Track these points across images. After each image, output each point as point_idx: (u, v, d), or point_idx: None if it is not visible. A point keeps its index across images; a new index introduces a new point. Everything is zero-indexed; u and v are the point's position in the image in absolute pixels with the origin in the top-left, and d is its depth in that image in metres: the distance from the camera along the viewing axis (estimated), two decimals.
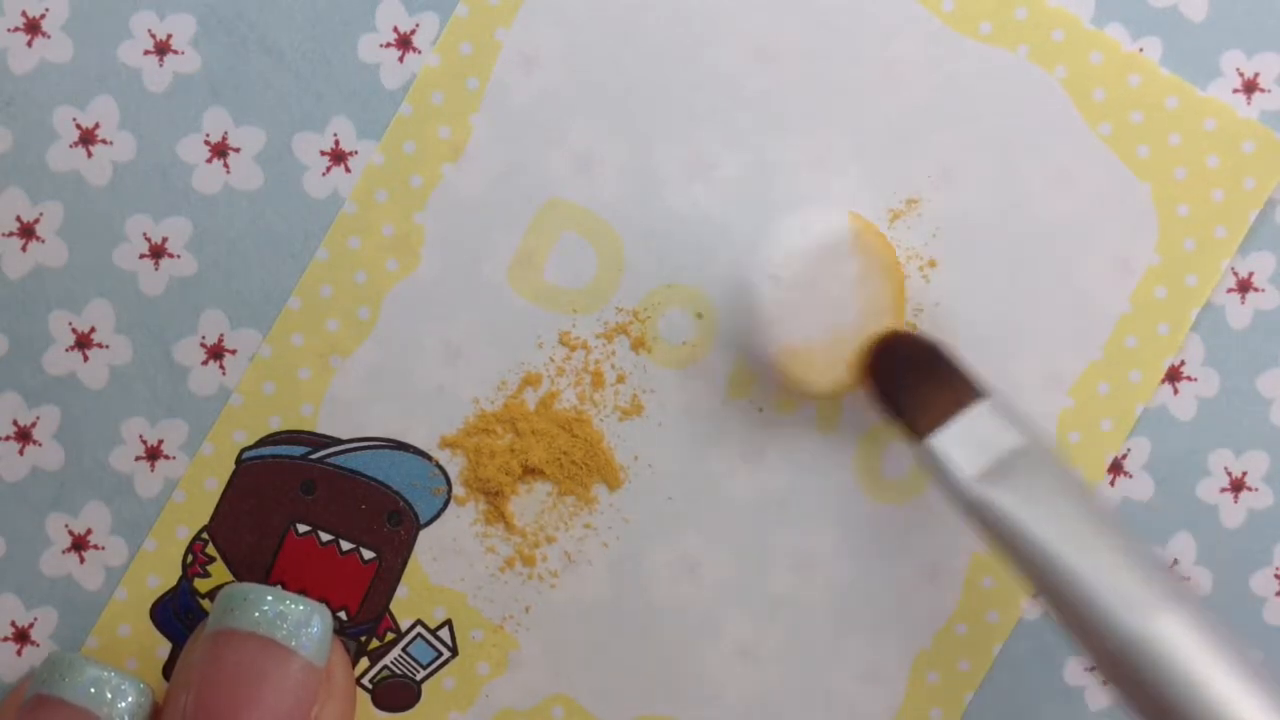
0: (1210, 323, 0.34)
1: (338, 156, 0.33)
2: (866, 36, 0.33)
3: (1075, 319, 0.33)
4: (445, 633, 0.34)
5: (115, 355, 0.33)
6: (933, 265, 0.33)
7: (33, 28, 0.33)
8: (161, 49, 0.33)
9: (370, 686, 0.34)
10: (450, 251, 0.33)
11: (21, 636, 0.34)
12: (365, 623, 0.34)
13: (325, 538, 0.33)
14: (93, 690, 0.31)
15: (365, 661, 0.34)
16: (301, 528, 0.33)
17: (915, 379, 0.31)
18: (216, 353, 0.33)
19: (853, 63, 0.33)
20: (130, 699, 0.31)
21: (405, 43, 0.33)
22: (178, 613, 0.34)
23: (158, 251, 0.33)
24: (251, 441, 0.33)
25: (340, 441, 0.33)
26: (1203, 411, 0.34)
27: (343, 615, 0.34)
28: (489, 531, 0.34)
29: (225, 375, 0.33)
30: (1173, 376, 0.34)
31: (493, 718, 0.34)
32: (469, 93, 0.33)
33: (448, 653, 0.34)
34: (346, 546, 0.33)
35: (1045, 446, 0.30)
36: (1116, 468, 0.34)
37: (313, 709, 0.31)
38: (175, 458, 0.33)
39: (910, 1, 0.33)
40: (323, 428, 0.33)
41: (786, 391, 0.33)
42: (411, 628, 0.34)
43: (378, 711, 0.34)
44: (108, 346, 0.33)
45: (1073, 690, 0.34)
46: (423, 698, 0.34)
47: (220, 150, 0.33)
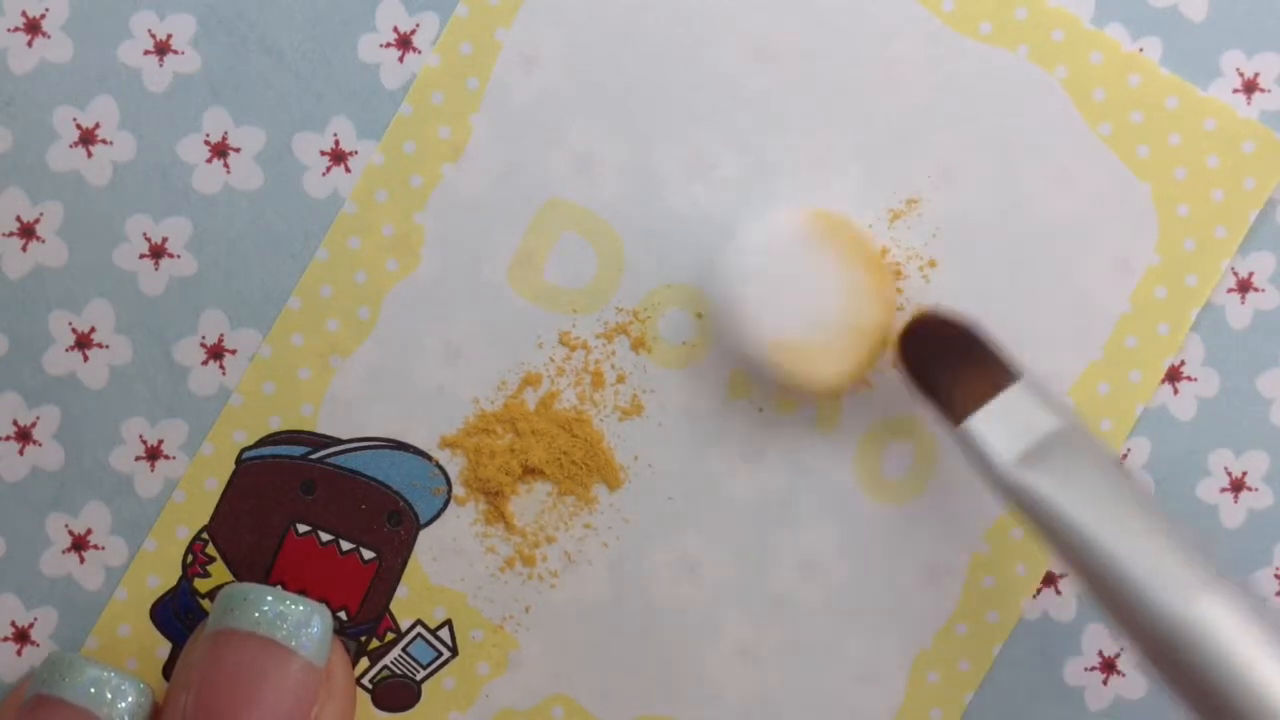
0: (1210, 323, 0.34)
1: (338, 156, 0.33)
2: (866, 36, 0.33)
3: (1075, 319, 0.33)
4: (445, 633, 0.34)
5: (115, 355, 0.33)
6: (933, 265, 0.33)
7: (33, 28, 0.33)
8: (161, 49, 0.33)
9: (370, 686, 0.34)
10: (450, 251, 0.33)
11: (21, 636, 0.34)
12: (365, 623, 0.34)
13: (325, 538, 0.33)
14: (93, 690, 0.31)
15: (365, 661, 0.34)
16: (301, 528, 0.33)
17: (950, 360, 0.30)
18: (216, 353, 0.33)
19: (853, 63, 0.33)
20: (130, 699, 0.31)
21: (405, 43, 0.33)
22: (178, 613, 0.34)
23: (158, 251, 0.33)
24: (251, 441, 0.33)
25: (340, 441, 0.33)
26: (1203, 411, 0.34)
27: (343, 615, 0.34)
28: (489, 531, 0.34)
29: (225, 375, 0.33)
30: (1173, 376, 0.34)
31: (493, 718, 0.34)
32: (469, 93, 0.33)
33: (448, 653, 0.34)
34: (346, 546, 0.33)
35: (1081, 428, 0.29)
36: None
37: (313, 709, 0.31)
38: (175, 458, 0.33)
39: (910, 1, 0.33)
40: (323, 428, 0.33)
41: (786, 391, 0.33)
42: (411, 628, 0.34)
43: (378, 711, 0.34)
44: (108, 346, 0.33)
45: (1073, 690, 0.34)
46: (423, 698, 0.34)
47: (220, 150, 0.33)
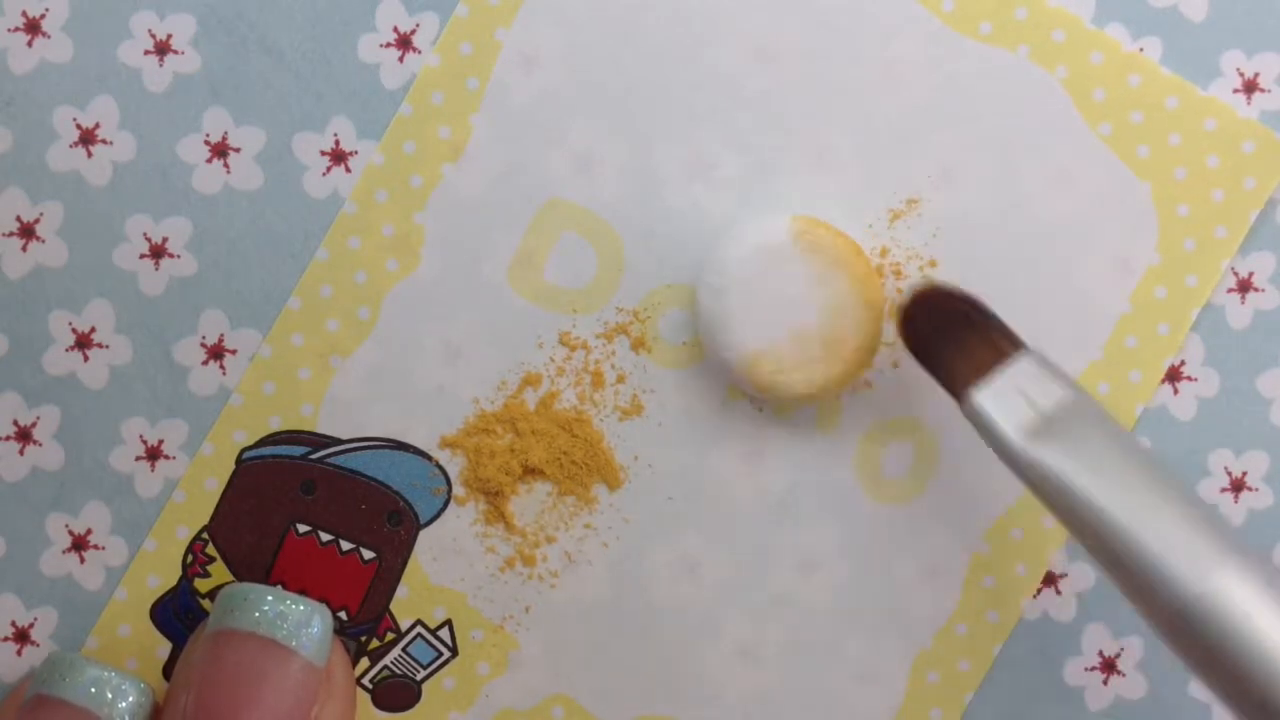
0: (1210, 323, 0.34)
1: (338, 156, 0.33)
2: (866, 36, 0.33)
3: (1075, 319, 0.33)
4: (445, 633, 0.34)
5: (115, 355, 0.33)
6: (933, 265, 0.33)
7: (33, 28, 0.33)
8: (161, 49, 0.33)
9: (370, 686, 0.34)
10: (450, 251, 0.33)
11: (21, 636, 0.34)
12: (365, 623, 0.34)
13: (325, 538, 0.33)
14: (93, 690, 0.31)
15: (365, 661, 0.34)
16: (301, 528, 0.33)
17: (952, 331, 0.30)
18: (216, 353, 0.33)
19: (853, 63, 0.33)
20: (131, 699, 0.31)
21: (405, 43, 0.33)
22: (178, 613, 0.34)
23: (158, 251, 0.33)
24: (251, 441, 0.33)
25: (340, 441, 0.33)
26: (1203, 411, 0.34)
27: (343, 615, 0.34)
28: (489, 531, 0.34)
29: (225, 375, 0.33)
30: (1173, 376, 0.34)
31: (493, 718, 0.34)
32: (469, 93, 0.33)
33: (448, 653, 0.34)
34: (346, 546, 0.33)
35: (1090, 399, 0.29)
36: None
37: (313, 709, 0.31)
38: (175, 458, 0.33)
39: (910, 1, 0.33)
40: (323, 428, 0.33)
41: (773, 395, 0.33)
42: (411, 628, 0.34)
43: (378, 711, 0.34)
44: (108, 346, 0.33)
45: (1073, 690, 0.34)
46: (423, 698, 0.34)
47: (220, 150, 0.33)
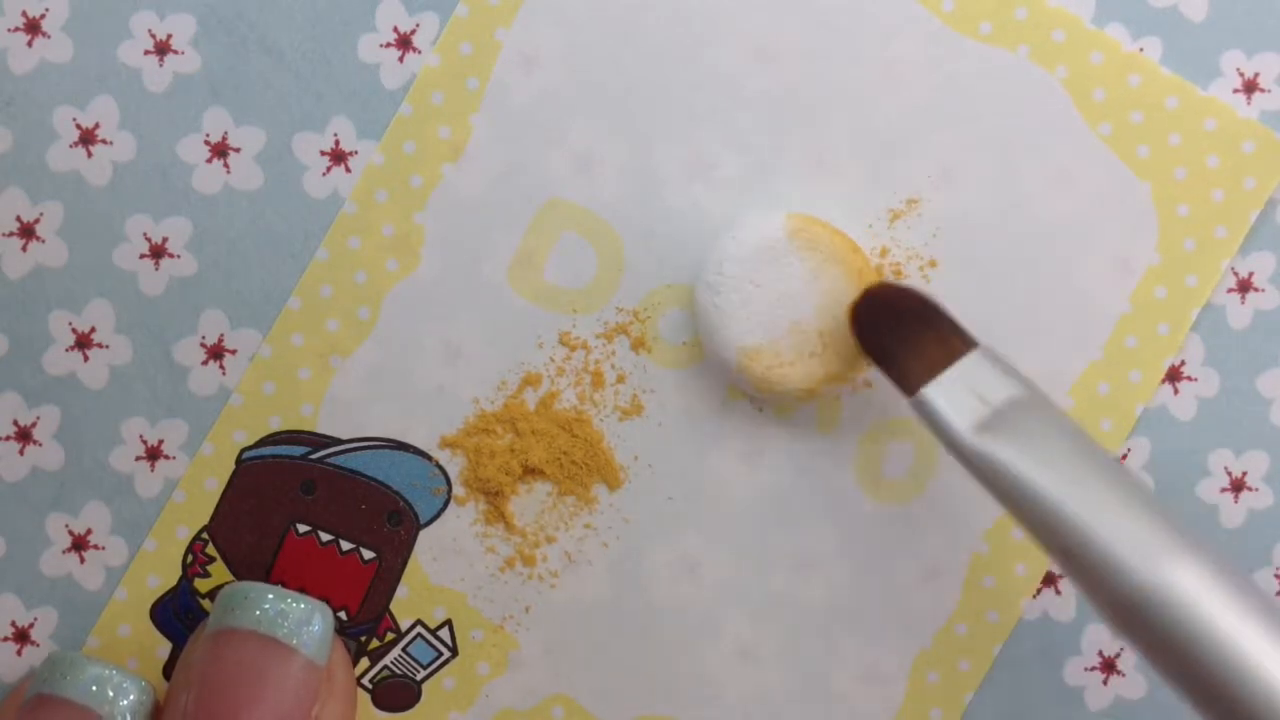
0: (1210, 323, 0.34)
1: (338, 156, 0.33)
2: (866, 36, 0.33)
3: (1075, 319, 0.33)
4: (445, 633, 0.34)
5: (115, 355, 0.33)
6: (933, 265, 0.33)
7: (33, 28, 0.33)
8: (161, 49, 0.33)
9: (370, 686, 0.34)
10: (450, 251, 0.33)
11: (21, 636, 0.34)
12: (365, 623, 0.34)
13: (325, 538, 0.33)
14: (94, 689, 0.31)
15: (365, 661, 0.34)
16: (301, 528, 0.33)
17: (904, 329, 0.30)
18: (216, 353, 0.33)
19: (853, 63, 0.33)
20: (132, 697, 0.31)
21: (405, 43, 0.33)
22: (178, 613, 0.34)
23: (158, 251, 0.33)
24: (251, 441, 0.33)
25: (340, 441, 0.33)
26: (1203, 411, 0.34)
27: (343, 615, 0.34)
28: (489, 531, 0.34)
29: (225, 375, 0.33)
30: (1173, 376, 0.34)
31: (493, 718, 0.34)
32: (469, 93, 0.33)
33: (448, 653, 0.34)
34: (346, 546, 0.33)
35: (1041, 395, 0.29)
36: None
37: (313, 708, 0.31)
38: (175, 458, 0.33)
39: (910, 1, 0.33)
40: (323, 428, 0.33)
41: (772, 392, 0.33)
42: (411, 628, 0.34)
43: (378, 711, 0.34)
44: (108, 346, 0.33)
45: (1073, 690, 0.34)
46: (423, 698, 0.34)
47: (220, 150, 0.33)
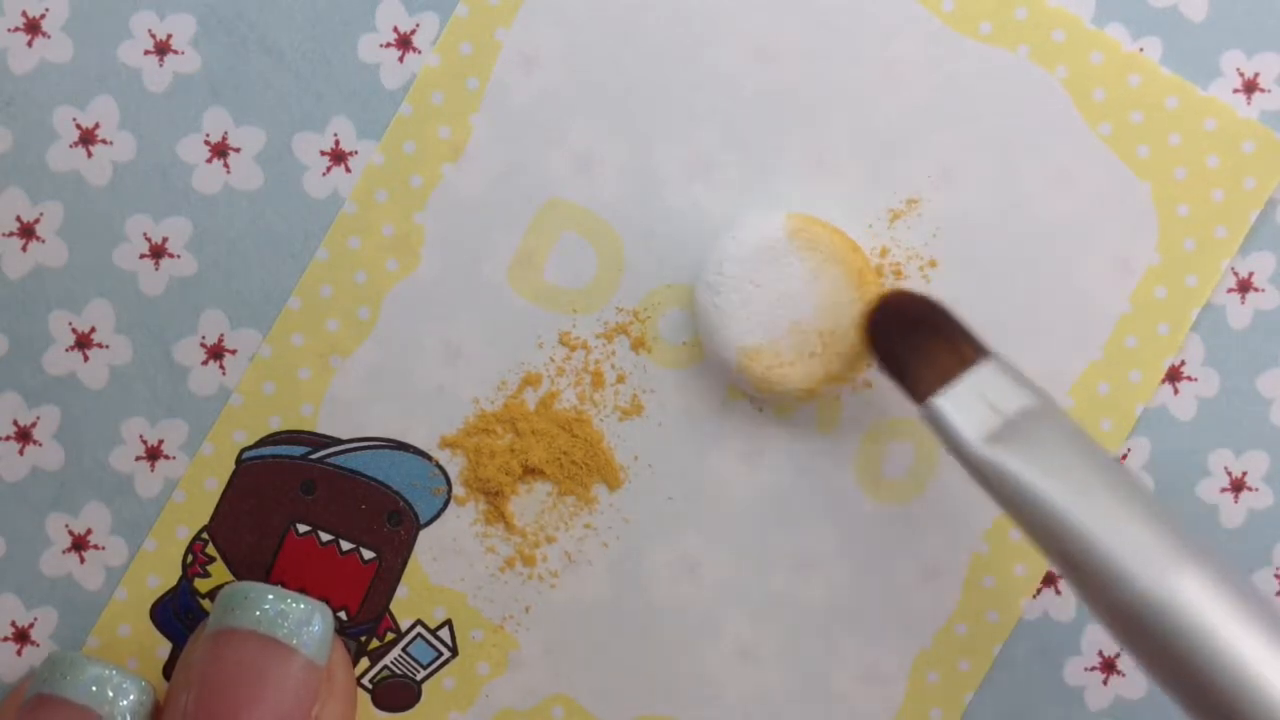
0: (1210, 323, 0.34)
1: (338, 156, 0.33)
2: (866, 36, 0.33)
3: (1075, 319, 0.33)
4: (445, 633, 0.34)
5: (115, 355, 0.33)
6: (933, 265, 0.33)
7: (33, 28, 0.33)
8: (161, 49, 0.33)
9: (370, 686, 0.34)
10: (450, 251, 0.33)
11: (21, 636, 0.34)
12: (365, 623, 0.34)
13: (325, 538, 0.33)
14: (94, 689, 0.31)
15: (365, 661, 0.34)
16: (301, 528, 0.33)
17: (917, 337, 0.30)
18: (216, 353, 0.33)
19: (853, 63, 0.33)
20: (132, 697, 0.31)
21: (405, 43, 0.33)
22: (178, 613, 0.34)
23: (158, 251, 0.33)
24: (251, 441, 0.33)
25: (340, 441, 0.33)
26: (1203, 411, 0.34)
27: (343, 615, 0.34)
28: (489, 531, 0.34)
29: (225, 375, 0.33)
30: (1173, 376, 0.34)
31: (493, 718, 0.34)
32: (469, 93, 0.33)
33: (448, 653, 0.34)
34: (346, 546, 0.33)
35: (1053, 406, 0.29)
36: None
37: (313, 708, 0.31)
38: (175, 458, 0.33)
39: (910, 1, 0.33)
40: (323, 428, 0.33)
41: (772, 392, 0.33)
42: (411, 628, 0.34)
43: (378, 711, 0.34)
44: (108, 346, 0.33)
45: (1073, 690, 0.34)
46: (423, 698, 0.34)
47: (220, 150, 0.33)
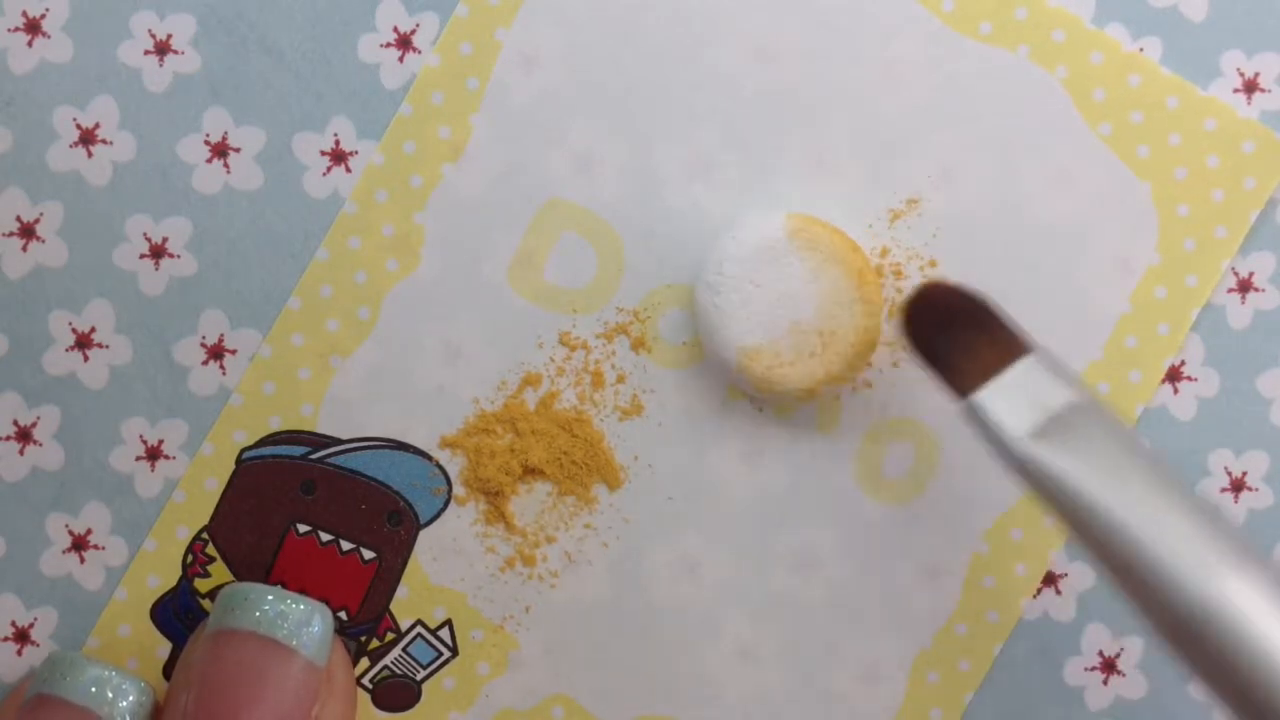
0: (1210, 323, 0.34)
1: (338, 156, 0.33)
2: (866, 36, 0.33)
3: (1075, 319, 0.33)
4: (445, 633, 0.34)
5: (115, 355, 0.33)
6: (933, 265, 0.33)
7: (33, 28, 0.33)
8: (161, 49, 0.33)
9: (370, 686, 0.34)
10: (450, 251, 0.33)
11: (21, 636, 0.34)
12: (365, 623, 0.34)
13: (325, 538, 0.33)
14: (94, 689, 0.31)
15: (365, 661, 0.34)
16: (301, 528, 0.33)
17: (958, 331, 0.29)
18: (216, 353, 0.33)
19: (853, 63, 0.33)
20: (131, 698, 0.31)
21: (405, 43, 0.33)
22: (178, 613, 0.34)
23: (158, 251, 0.33)
24: (251, 441, 0.33)
25: (340, 441, 0.33)
26: (1203, 411, 0.34)
27: (343, 615, 0.34)
28: (489, 531, 0.34)
29: (225, 375, 0.33)
30: (1173, 376, 0.34)
31: (493, 718, 0.34)
32: (469, 93, 0.33)
33: (448, 653, 0.34)
34: (346, 546, 0.33)
35: (1096, 401, 0.28)
36: None
37: (313, 708, 0.31)
38: (175, 458, 0.33)
39: (910, 1, 0.33)
40: (323, 428, 0.33)
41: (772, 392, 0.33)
42: (411, 628, 0.34)
43: (378, 711, 0.34)
44: (108, 346, 0.33)
45: (1073, 690, 0.34)
46: (423, 698, 0.34)
47: (220, 150, 0.33)
